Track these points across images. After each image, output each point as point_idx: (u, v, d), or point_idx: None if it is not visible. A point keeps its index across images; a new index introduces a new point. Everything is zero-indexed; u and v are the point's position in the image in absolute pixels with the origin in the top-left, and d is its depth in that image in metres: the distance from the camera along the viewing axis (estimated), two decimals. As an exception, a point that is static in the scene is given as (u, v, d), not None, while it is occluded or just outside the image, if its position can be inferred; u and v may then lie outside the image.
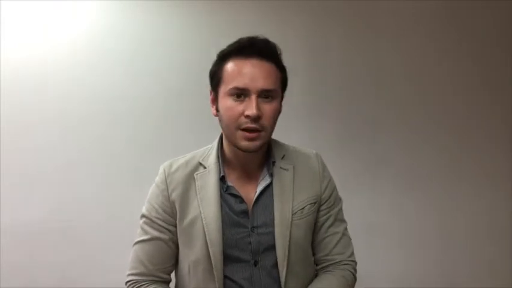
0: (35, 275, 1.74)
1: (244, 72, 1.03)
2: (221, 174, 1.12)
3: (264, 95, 1.04)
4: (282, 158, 1.17)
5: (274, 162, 1.14)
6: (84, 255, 1.76)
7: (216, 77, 1.08)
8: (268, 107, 1.04)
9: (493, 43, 1.96)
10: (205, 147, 1.19)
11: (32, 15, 1.74)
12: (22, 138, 1.75)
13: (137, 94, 1.81)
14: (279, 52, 1.10)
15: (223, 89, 1.06)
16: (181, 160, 1.16)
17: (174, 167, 1.15)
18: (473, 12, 1.94)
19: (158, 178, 1.15)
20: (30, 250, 1.74)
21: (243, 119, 1.03)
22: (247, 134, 1.03)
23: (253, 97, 1.02)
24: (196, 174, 1.12)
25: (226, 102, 1.05)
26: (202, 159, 1.15)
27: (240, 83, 1.03)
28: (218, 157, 1.13)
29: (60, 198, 1.76)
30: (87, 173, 1.78)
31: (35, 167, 1.75)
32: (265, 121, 1.04)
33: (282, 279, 1.10)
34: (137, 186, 1.25)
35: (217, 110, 1.10)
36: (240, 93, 1.03)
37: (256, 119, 1.02)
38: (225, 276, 1.11)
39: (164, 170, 1.15)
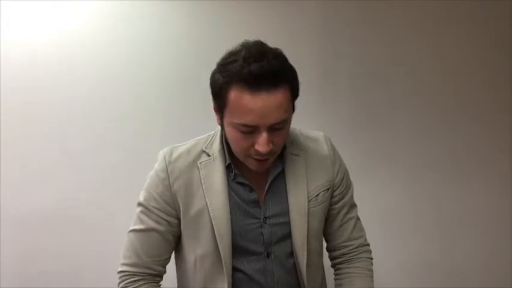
0: (43, 263, 1.74)
1: (252, 109, 0.89)
2: (227, 162, 1.04)
3: (276, 126, 0.93)
4: (291, 143, 1.09)
5: (284, 148, 1.07)
6: (91, 244, 1.76)
7: (218, 98, 0.94)
8: (279, 135, 0.95)
9: (501, 38, 1.87)
10: (207, 134, 1.10)
11: (32, 14, 1.72)
12: (28, 129, 1.74)
13: (146, 84, 1.79)
14: (288, 67, 0.94)
15: (229, 117, 0.94)
16: (183, 148, 1.08)
17: (175, 154, 1.06)
18: (479, 5, 1.86)
19: (158, 166, 1.07)
20: (37, 239, 1.74)
21: (252, 150, 0.95)
22: (257, 162, 0.97)
23: (264, 134, 0.92)
24: (200, 163, 1.05)
25: (233, 133, 0.95)
26: (206, 147, 1.06)
27: (247, 120, 0.90)
28: (223, 144, 1.05)
29: (68, 187, 1.76)
30: (94, 163, 1.77)
31: (42, 157, 1.74)
32: (275, 147, 0.96)
33: (303, 269, 1.06)
34: (145, 175, 1.18)
35: (222, 123, 0.99)
36: (249, 130, 0.92)
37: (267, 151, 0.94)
38: (236, 269, 1.05)
39: (164, 158, 1.06)
